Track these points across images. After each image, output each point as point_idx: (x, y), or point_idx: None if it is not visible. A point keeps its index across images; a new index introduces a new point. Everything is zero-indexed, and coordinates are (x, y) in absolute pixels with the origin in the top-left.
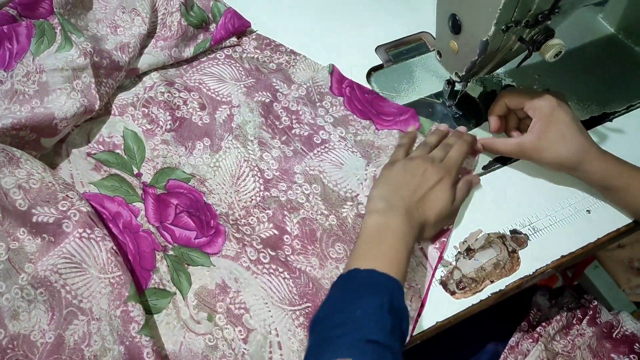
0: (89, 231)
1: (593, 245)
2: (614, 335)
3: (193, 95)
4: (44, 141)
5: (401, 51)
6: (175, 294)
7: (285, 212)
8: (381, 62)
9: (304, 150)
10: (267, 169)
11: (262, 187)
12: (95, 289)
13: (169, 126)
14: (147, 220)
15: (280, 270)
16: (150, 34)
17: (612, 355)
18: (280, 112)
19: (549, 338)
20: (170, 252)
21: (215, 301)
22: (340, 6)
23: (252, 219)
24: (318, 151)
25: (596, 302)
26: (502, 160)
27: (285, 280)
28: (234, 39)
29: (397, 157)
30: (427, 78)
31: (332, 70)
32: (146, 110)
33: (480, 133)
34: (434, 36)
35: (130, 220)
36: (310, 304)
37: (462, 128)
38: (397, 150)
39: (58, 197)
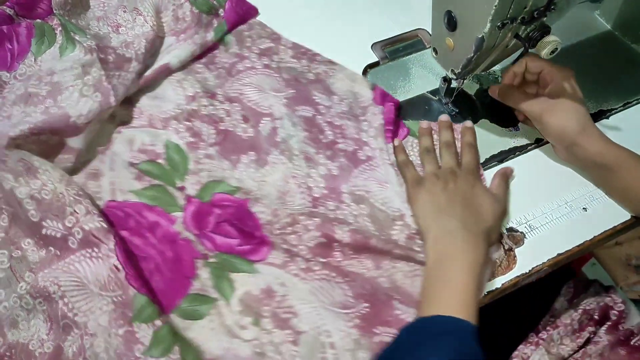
0: (96, 250)
1: (590, 243)
2: (632, 343)
3: (235, 106)
4: (71, 141)
5: (397, 48)
6: (217, 299)
7: (335, 223)
8: (377, 59)
9: (350, 166)
10: (315, 186)
11: (310, 204)
12: (95, 305)
13: (212, 140)
14: (184, 227)
15: (333, 275)
16: (160, 33)
17: None
18: (324, 125)
19: (552, 343)
20: (212, 260)
21: (260, 305)
22: (336, 3)
23: (298, 227)
24: (363, 168)
25: (623, 307)
26: (497, 158)
27: (339, 284)
28: (269, 43)
29: (413, 177)
30: (424, 75)
31: (374, 88)
32: (189, 124)
33: (477, 131)
34: (430, 33)
35: (168, 229)
36: (367, 304)
37: (468, 123)
38: (407, 169)
39: (66, 212)
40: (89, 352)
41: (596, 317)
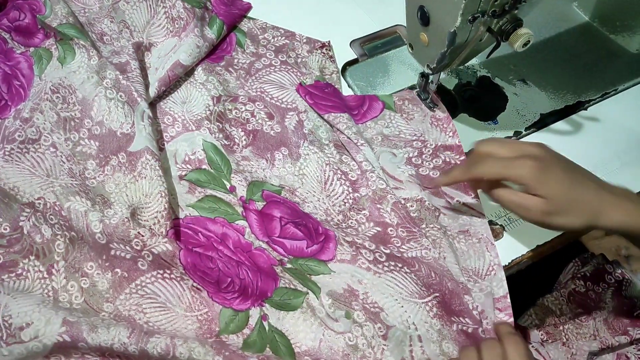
0: (168, 272)
1: (570, 234)
2: (635, 315)
3: (258, 105)
4: (133, 147)
5: (376, 45)
6: (307, 293)
7: (378, 206)
8: (356, 57)
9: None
10: (350, 170)
11: (350, 189)
12: (181, 325)
13: (244, 142)
14: (255, 237)
15: (400, 266)
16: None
17: (629, 329)
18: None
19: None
20: (288, 266)
21: (349, 301)
22: (313, 1)
23: (352, 222)
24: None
25: (621, 277)
26: None
27: (408, 274)
28: (283, 40)
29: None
30: (403, 71)
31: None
32: (220, 125)
33: (456, 125)
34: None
35: (239, 240)
36: (437, 294)
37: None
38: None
39: (130, 235)
40: (181, 349)
41: (588, 274)
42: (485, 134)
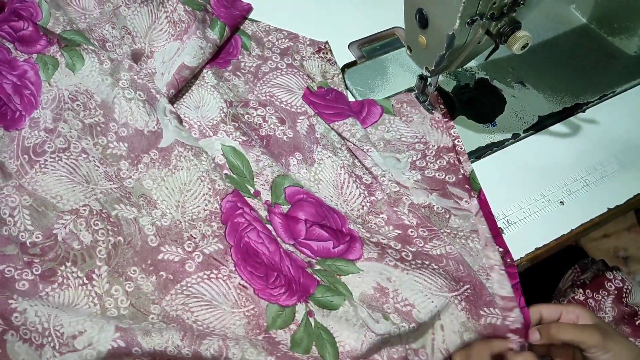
0: (215, 272)
1: (567, 237)
2: (636, 323)
3: (269, 110)
4: (163, 143)
5: (374, 47)
6: (345, 294)
7: (395, 209)
8: (354, 59)
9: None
10: (363, 174)
11: (366, 192)
12: (229, 322)
13: (259, 144)
14: (281, 240)
15: (427, 263)
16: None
17: (630, 339)
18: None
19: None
20: (317, 267)
21: (380, 304)
22: (311, 3)
23: (371, 225)
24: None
25: (622, 284)
26: (475, 154)
27: (436, 270)
28: (287, 42)
29: None
30: (401, 73)
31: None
32: (237, 124)
33: (455, 128)
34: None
35: (269, 235)
36: (468, 286)
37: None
38: None
39: (184, 237)
40: (234, 350)
41: (587, 281)
42: (483, 137)
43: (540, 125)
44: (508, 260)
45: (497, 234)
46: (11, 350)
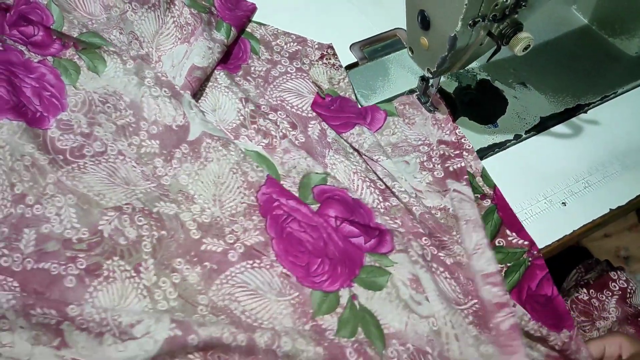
0: (258, 261)
1: (569, 237)
2: None
3: (280, 114)
4: (191, 136)
5: (376, 48)
6: (391, 274)
7: (410, 216)
8: (356, 60)
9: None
10: (377, 179)
11: (380, 198)
12: (276, 311)
13: (280, 134)
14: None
15: (441, 270)
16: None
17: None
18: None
19: None
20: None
21: (415, 287)
22: (312, 4)
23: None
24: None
25: (626, 285)
26: (477, 155)
27: (447, 280)
28: (296, 46)
29: None
30: (403, 75)
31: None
32: (256, 126)
33: None
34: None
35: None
36: (476, 300)
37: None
38: None
39: (225, 232)
40: (285, 339)
41: (591, 282)
42: (485, 137)
43: (542, 126)
44: (535, 252)
45: (520, 228)
46: (69, 338)
